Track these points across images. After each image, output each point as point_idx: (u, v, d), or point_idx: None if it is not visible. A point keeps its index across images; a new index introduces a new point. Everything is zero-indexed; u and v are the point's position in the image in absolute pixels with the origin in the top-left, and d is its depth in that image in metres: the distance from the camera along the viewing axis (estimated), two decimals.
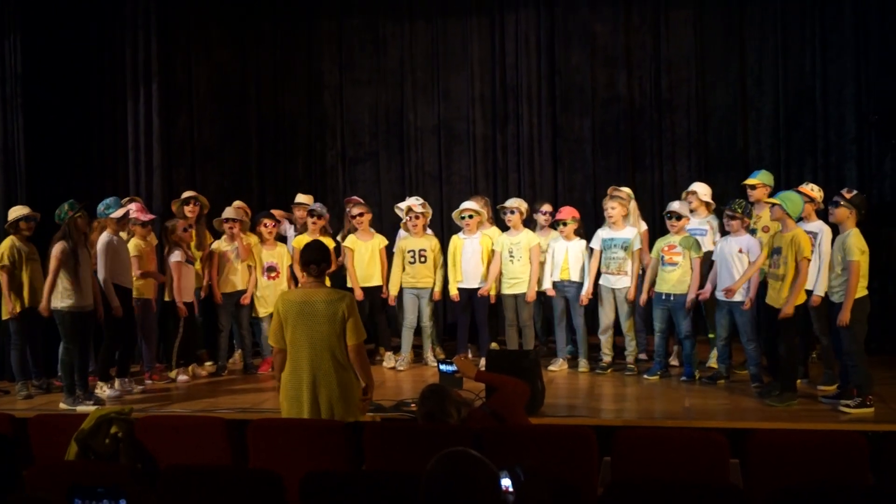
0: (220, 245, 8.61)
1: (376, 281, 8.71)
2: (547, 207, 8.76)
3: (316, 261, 5.25)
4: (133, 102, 9.56)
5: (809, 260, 6.59)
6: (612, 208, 8.05)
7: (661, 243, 7.78)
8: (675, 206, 7.81)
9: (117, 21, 9.58)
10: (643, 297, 7.90)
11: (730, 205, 7.31)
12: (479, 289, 8.41)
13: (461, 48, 10.77)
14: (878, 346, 8.14)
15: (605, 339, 8.12)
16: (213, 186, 10.29)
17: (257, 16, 11.06)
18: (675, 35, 10.21)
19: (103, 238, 7.52)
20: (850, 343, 6.38)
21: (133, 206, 8.02)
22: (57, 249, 7.08)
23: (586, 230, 8.45)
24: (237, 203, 9.04)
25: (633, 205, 8.36)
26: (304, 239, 8.44)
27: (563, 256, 8.18)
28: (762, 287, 7.12)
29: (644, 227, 8.47)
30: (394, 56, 10.97)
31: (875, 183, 9.27)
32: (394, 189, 10.84)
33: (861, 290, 6.38)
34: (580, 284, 8.16)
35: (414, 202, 8.73)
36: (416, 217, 8.57)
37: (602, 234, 8.14)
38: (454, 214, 8.67)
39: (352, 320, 5.14)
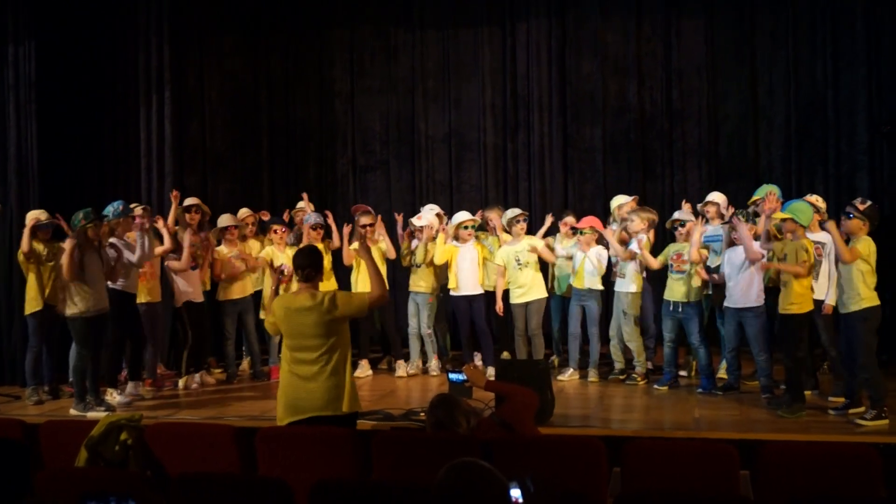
0: (222, 252, 8.62)
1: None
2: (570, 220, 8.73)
3: (302, 265, 5.29)
4: (146, 109, 9.61)
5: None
6: (631, 221, 8.05)
7: (671, 250, 7.77)
8: (677, 214, 7.88)
9: (130, 29, 9.65)
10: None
11: (736, 214, 7.29)
12: (477, 296, 8.44)
13: (472, 57, 10.79)
14: (889, 358, 8.09)
15: (614, 346, 8.14)
16: (225, 193, 10.36)
17: (269, 24, 11.12)
18: (686, 44, 10.22)
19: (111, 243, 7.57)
20: (864, 355, 6.34)
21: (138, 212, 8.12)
22: (64, 259, 7.12)
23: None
24: (243, 210, 9.08)
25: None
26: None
27: (580, 264, 8.18)
28: (772, 296, 7.09)
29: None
30: (405, 65, 11.00)
31: (887, 193, 9.23)
32: (404, 197, 10.85)
33: (873, 301, 6.35)
34: (599, 293, 8.18)
35: (417, 217, 8.82)
36: (419, 230, 8.68)
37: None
38: (451, 229, 8.58)
39: (346, 298, 5.20)
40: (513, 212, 8.53)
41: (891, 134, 9.12)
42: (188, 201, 8.69)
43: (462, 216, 8.60)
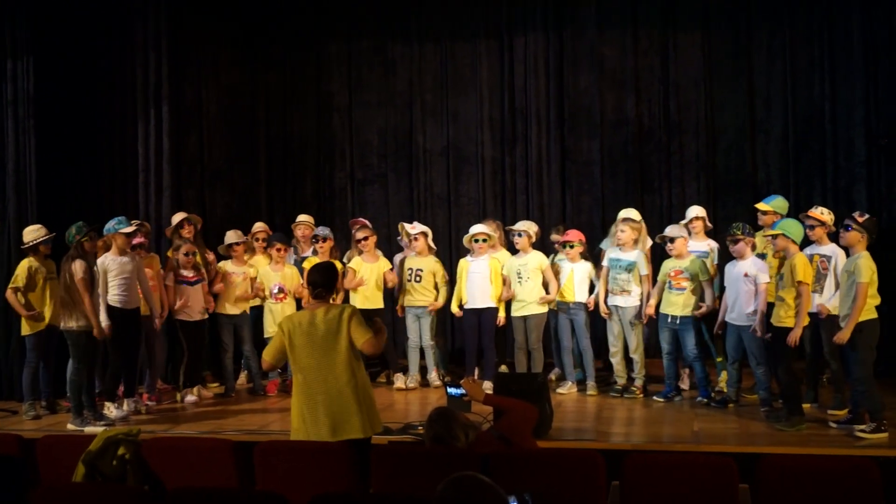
0: (226, 266, 8.65)
1: (378, 304, 8.70)
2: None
3: (316, 282, 5.25)
4: (143, 123, 9.60)
5: (808, 283, 6.58)
6: (622, 231, 8.04)
7: (667, 267, 7.77)
8: (666, 231, 7.87)
9: (128, 43, 9.64)
10: (646, 312, 7.89)
11: (729, 230, 7.30)
12: (486, 310, 8.41)
13: (470, 71, 10.81)
14: (885, 369, 8.06)
15: (617, 362, 8.10)
16: (222, 207, 10.35)
17: (267, 38, 11.14)
18: (683, 57, 10.24)
19: (101, 259, 7.52)
20: (859, 369, 6.33)
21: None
22: (81, 271, 7.10)
23: (595, 252, 8.50)
24: (258, 225, 9.13)
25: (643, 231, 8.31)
26: (315, 261, 8.48)
27: (568, 278, 8.19)
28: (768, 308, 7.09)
29: (649, 242, 8.42)
30: (403, 78, 11.02)
31: (885, 206, 9.24)
32: (402, 211, 10.85)
33: (870, 313, 6.34)
34: (586, 305, 8.21)
35: (410, 226, 8.83)
36: (415, 239, 8.65)
37: (610, 254, 8.15)
38: (465, 239, 8.64)
39: (353, 322, 5.11)
40: (475, 228, 8.58)
41: (889, 147, 9.14)
42: (177, 217, 8.69)
43: (476, 229, 8.58)
